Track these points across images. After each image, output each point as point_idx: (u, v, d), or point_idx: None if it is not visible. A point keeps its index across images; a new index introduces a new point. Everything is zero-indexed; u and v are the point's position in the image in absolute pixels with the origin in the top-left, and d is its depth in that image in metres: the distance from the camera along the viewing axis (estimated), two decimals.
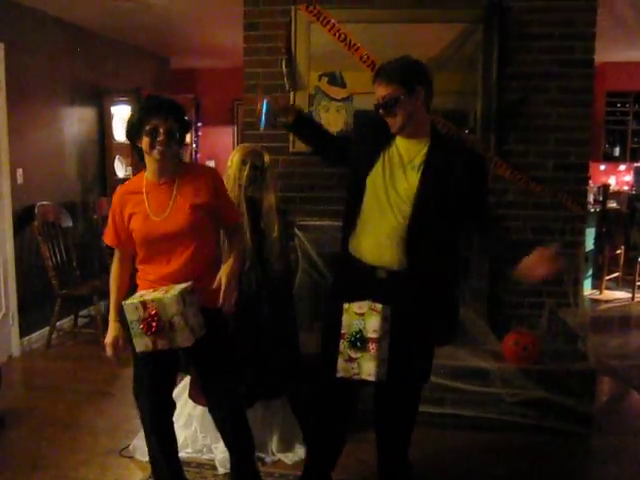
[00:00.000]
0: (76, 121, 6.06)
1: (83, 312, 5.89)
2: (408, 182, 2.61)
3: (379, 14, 4.06)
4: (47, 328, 5.41)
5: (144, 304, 2.54)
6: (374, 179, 2.65)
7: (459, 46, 3.98)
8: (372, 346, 2.54)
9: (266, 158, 3.39)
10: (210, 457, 3.43)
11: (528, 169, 4.05)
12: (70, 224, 5.64)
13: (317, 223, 4.11)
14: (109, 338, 2.79)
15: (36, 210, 5.29)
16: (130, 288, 2.83)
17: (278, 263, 3.40)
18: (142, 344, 2.58)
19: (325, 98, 4.13)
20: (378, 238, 2.64)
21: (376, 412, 2.98)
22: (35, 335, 5.44)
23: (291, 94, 4.12)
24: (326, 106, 4.13)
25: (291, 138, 4.09)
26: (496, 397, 3.71)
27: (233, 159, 3.37)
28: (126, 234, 2.73)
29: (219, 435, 3.00)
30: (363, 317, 2.57)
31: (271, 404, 3.48)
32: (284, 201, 4.01)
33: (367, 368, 2.54)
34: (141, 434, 3.49)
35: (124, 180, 3.43)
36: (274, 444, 3.48)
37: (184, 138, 2.78)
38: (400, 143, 2.67)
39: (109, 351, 2.79)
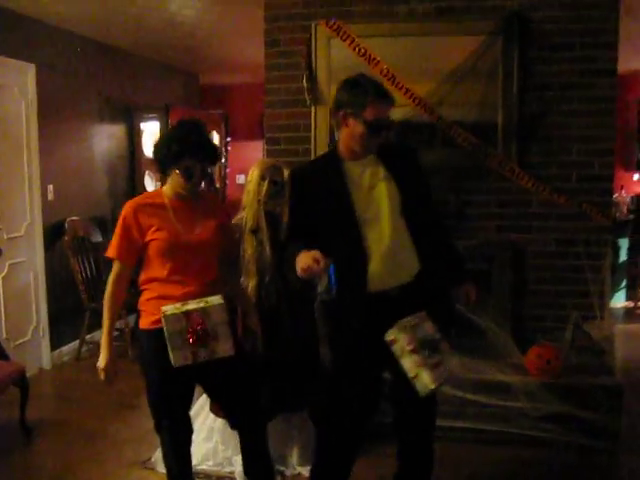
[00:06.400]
0: (106, 137, 6.19)
1: None
2: (388, 196, 2.65)
3: (399, 28, 4.08)
4: (77, 341, 5.52)
5: (187, 314, 2.50)
6: (360, 211, 2.63)
7: (479, 58, 3.97)
8: (443, 344, 2.61)
9: (285, 173, 3.40)
10: (231, 470, 3.45)
11: (551, 180, 4.01)
12: (100, 239, 5.74)
13: None
14: (104, 362, 2.68)
15: (66, 225, 5.41)
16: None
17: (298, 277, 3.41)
18: (181, 357, 2.51)
19: None
20: (389, 261, 2.64)
21: (403, 423, 2.93)
22: (65, 348, 5.56)
23: (312, 109, 4.15)
24: None
25: (312, 152, 4.13)
26: (519, 411, 3.66)
27: (252, 174, 3.40)
28: (137, 246, 2.68)
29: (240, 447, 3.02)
30: (421, 325, 2.59)
31: (292, 417, 3.49)
32: None
33: (450, 365, 2.64)
34: None
35: None
36: (294, 457, 3.50)
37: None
38: (352, 167, 2.68)
39: (104, 376, 2.69)
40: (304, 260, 2.46)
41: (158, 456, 3.57)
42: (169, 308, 2.56)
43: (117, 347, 5.53)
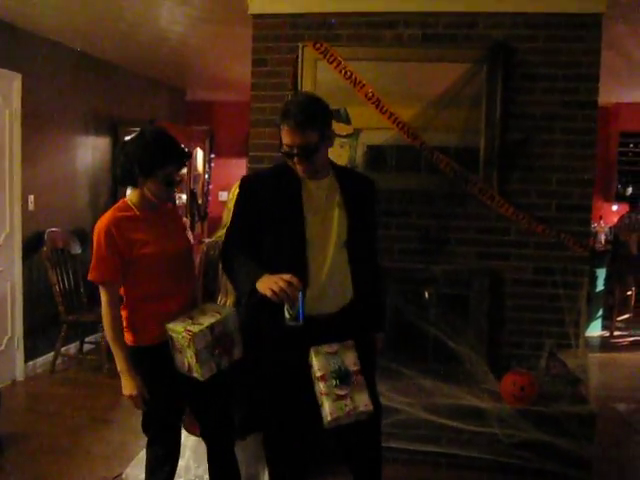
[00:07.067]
0: (90, 150, 6.18)
1: (89, 338, 5.93)
2: (338, 223, 2.60)
3: (386, 52, 4.12)
4: (52, 353, 5.45)
5: (211, 328, 2.56)
6: (310, 234, 2.57)
7: (463, 85, 4.02)
8: (358, 378, 2.50)
9: None
10: None
11: (530, 209, 4.04)
12: (79, 251, 5.70)
13: None
14: (135, 389, 2.58)
15: (46, 236, 5.37)
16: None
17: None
18: (208, 369, 2.57)
19: None
20: (325, 288, 2.58)
21: (350, 448, 2.87)
22: (40, 360, 5.49)
23: None
24: None
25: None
26: (493, 437, 3.66)
27: (234, 192, 3.39)
28: (123, 263, 2.59)
29: None
30: (337, 354, 2.53)
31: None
32: None
33: (362, 399, 2.46)
34: (134, 462, 3.52)
35: None
36: (265, 476, 3.46)
37: None
38: (310, 186, 2.59)
39: (138, 402, 2.61)
40: (278, 283, 2.34)
41: (129, 472, 3.53)
42: (187, 325, 2.56)
43: (92, 360, 5.59)
